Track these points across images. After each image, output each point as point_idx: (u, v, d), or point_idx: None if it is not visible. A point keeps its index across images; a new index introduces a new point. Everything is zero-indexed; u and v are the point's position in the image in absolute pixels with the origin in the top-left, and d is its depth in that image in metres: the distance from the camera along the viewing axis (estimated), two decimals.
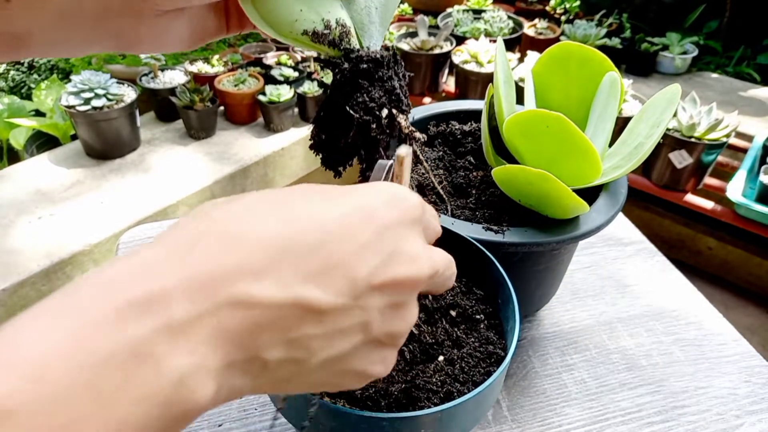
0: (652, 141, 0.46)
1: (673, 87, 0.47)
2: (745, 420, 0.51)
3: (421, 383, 0.35)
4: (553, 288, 0.57)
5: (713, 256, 1.73)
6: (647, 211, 1.77)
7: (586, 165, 0.44)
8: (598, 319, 0.60)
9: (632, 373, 0.55)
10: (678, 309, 0.62)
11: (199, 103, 1.58)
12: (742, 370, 0.56)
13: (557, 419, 0.50)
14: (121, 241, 0.67)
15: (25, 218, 1.31)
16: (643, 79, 1.95)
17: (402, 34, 1.93)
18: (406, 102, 0.35)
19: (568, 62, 0.51)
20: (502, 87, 0.49)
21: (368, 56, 0.33)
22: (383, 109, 0.34)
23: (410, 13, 2.34)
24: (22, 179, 1.44)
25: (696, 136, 1.47)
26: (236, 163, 1.54)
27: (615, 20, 2.07)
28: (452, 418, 0.31)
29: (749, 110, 1.82)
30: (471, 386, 0.35)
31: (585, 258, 0.68)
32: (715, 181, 1.60)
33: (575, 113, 0.49)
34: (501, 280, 0.40)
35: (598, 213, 0.48)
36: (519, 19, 2.12)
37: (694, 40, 2.03)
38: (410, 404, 0.33)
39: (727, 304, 1.66)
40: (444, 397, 0.34)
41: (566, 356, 0.56)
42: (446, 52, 1.83)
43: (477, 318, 0.40)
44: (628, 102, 1.58)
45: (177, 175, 1.49)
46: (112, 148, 1.51)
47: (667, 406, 0.52)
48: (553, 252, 0.50)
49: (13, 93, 1.71)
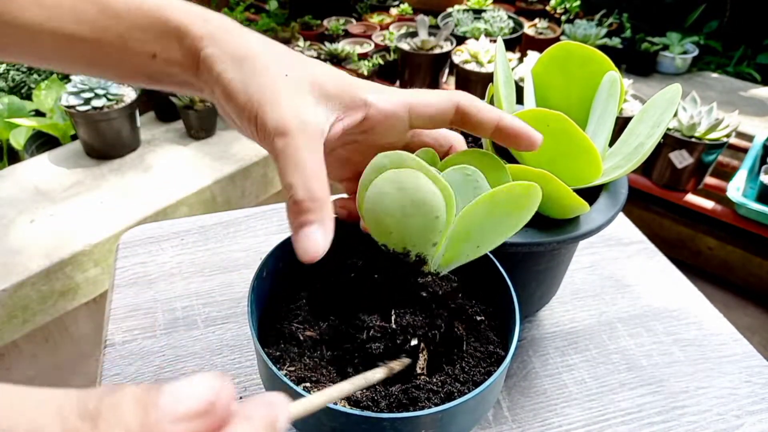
0: (652, 141, 0.46)
1: (673, 87, 0.47)
2: (746, 420, 0.51)
3: (421, 383, 0.35)
4: (553, 288, 0.57)
5: (713, 256, 1.73)
6: (648, 211, 1.76)
7: (586, 165, 0.44)
8: (598, 319, 0.60)
9: (632, 373, 0.55)
10: (678, 309, 0.62)
11: (199, 103, 1.58)
12: (742, 370, 0.56)
13: (557, 419, 0.50)
14: (121, 241, 0.67)
15: (25, 218, 1.31)
16: (644, 79, 1.95)
17: (402, 33, 1.93)
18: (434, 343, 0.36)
19: (568, 62, 0.50)
20: (502, 87, 0.49)
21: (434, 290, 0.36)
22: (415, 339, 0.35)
23: (410, 12, 2.34)
24: (22, 179, 1.44)
25: (696, 136, 1.47)
26: (236, 163, 1.54)
27: (615, 20, 2.07)
28: (453, 418, 0.31)
29: (750, 110, 1.82)
30: (471, 386, 0.35)
31: (585, 258, 0.68)
32: (716, 181, 1.60)
33: (575, 113, 0.49)
34: (501, 279, 0.40)
35: (599, 213, 0.47)
36: (519, 19, 2.12)
37: (694, 39, 2.03)
38: (411, 404, 0.33)
39: (727, 304, 1.66)
40: (444, 397, 0.34)
41: (566, 356, 0.56)
42: (446, 52, 1.83)
43: (477, 318, 0.40)
44: (629, 102, 1.58)
45: (177, 175, 1.49)
46: (112, 148, 1.51)
47: (667, 406, 0.52)
48: (553, 252, 0.50)
49: (13, 93, 1.71)
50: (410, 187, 0.33)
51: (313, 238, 0.30)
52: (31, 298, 1.20)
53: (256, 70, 0.32)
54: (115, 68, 0.36)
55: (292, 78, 0.33)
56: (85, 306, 1.32)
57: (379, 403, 0.33)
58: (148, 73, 0.36)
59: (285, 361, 0.36)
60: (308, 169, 0.31)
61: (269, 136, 0.31)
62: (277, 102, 0.31)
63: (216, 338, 0.55)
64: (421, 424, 0.31)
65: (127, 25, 0.34)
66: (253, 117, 0.32)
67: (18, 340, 1.24)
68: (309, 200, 0.30)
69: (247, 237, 0.68)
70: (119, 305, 0.59)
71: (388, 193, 0.34)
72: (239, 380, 0.52)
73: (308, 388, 0.34)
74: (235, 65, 0.33)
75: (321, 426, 0.31)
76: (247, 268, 0.63)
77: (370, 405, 0.33)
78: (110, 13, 0.34)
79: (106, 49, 0.34)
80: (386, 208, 0.34)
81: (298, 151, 0.31)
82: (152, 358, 0.53)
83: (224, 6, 2.55)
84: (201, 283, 0.61)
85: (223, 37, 0.34)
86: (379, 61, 1.92)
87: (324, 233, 0.30)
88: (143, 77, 0.36)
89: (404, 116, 0.36)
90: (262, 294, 0.40)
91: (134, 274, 0.63)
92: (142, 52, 0.34)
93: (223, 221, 0.70)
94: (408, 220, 0.35)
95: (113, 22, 0.34)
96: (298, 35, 2.09)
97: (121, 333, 0.56)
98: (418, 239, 0.36)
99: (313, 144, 0.31)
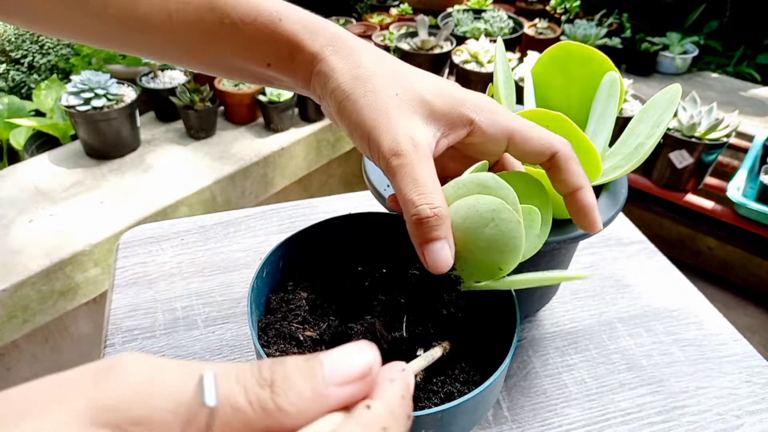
0: (652, 141, 0.46)
1: (673, 87, 0.47)
2: (746, 420, 0.51)
3: (421, 383, 0.35)
4: (553, 288, 0.57)
5: (713, 256, 1.73)
6: (648, 211, 1.77)
7: (586, 165, 0.44)
8: (598, 319, 0.60)
9: (632, 373, 0.55)
10: (678, 309, 0.62)
11: (199, 103, 1.58)
12: (742, 370, 0.56)
13: (557, 419, 0.50)
14: (121, 241, 0.67)
15: (25, 218, 1.31)
16: (644, 79, 1.95)
17: (402, 33, 1.93)
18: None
19: (568, 62, 0.50)
20: (502, 87, 0.49)
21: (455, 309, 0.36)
22: (421, 350, 0.35)
23: (410, 12, 2.34)
24: (22, 179, 1.44)
25: (696, 136, 1.47)
26: (236, 163, 1.54)
27: (615, 20, 2.07)
28: (453, 418, 0.31)
29: (750, 110, 1.82)
30: (471, 386, 0.35)
31: (585, 258, 0.68)
32: (716, 181, 1.60)
33: (575, 113, 0.49)
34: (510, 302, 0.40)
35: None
36: (519, 19, 2.12)
37: (694, 39, 2.03)
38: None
39: (727, 304, 1.66)
40: (444, 397, 0.34)
41: (566, 356, 0.56)
42: (446, 52, 1.83)
43: (477, 319, 0.40)
44: (629, 102, 1.58)
45: (177, 175, 1.49)
46: (112, 148, 1.51)
47: (667, 406, 0.52)
48: (553, 252, 0.50)
49: (13, 93, 1.71)
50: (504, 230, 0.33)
51: (443, 254, 0.32)
52: (31, 298, 1.20)
53: (368, 91, 0.34)
54: (228, 71, 0.40)
55: (402, 99, 0.35)
56: (85, 306, 1.32)
57: None
58: (261, 77, 0.39)
59: None
60: (428, 186, 0.32)
61: (384, 156, 0.33)
62: (389, 124, 0.33)
63: (216, 338, 0.55)
64: (421, 424, 0.30)
65: (243, 38, 0.37)
66: (365, 136, 0.34)
67: (18, 340, 1.24)
68: (435, 217, 0.32)
69: (247, 237, 0.68)
70: (119, 305, 0.59)
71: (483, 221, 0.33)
72: None
73: None
74: (347, 85, 0.35)
75: None
76: (247, 268, 0.63)
77: None
78: (228, 25, 0.36)
79: (221, 56, 0.38)
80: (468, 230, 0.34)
81: (414, 169, 0.32)
82: None
83: None
84: (201, 283, 0.61)
85: (334, 56, 0.36)
86: None
87: (451, 247, 0.33)
88: (256, 79, 0.40)
89: (503, 143, 0.37)
90: (262, 294, 0.40)
91: (134, 274, 0.63)
92: (257, 61, 0.38)
93: (223, 221, 0.70)
94: (480, 254, 0.34)
95: (229, 35, 0.37)
96: None
97: (121, 333, 0.56)
98: (470, 272, 0.35)
99: (427, 161, 0.33)
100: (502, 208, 0.32)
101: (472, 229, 0.33)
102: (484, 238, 0.33)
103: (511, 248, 0.33)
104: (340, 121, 0.36)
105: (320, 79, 0.36)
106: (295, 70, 0.37)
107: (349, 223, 0.44)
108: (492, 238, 0.33)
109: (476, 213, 0.33)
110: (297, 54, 0.37)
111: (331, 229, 0.44)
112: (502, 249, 0.33)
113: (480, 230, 0.33)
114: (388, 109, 0.34)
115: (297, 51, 0.37)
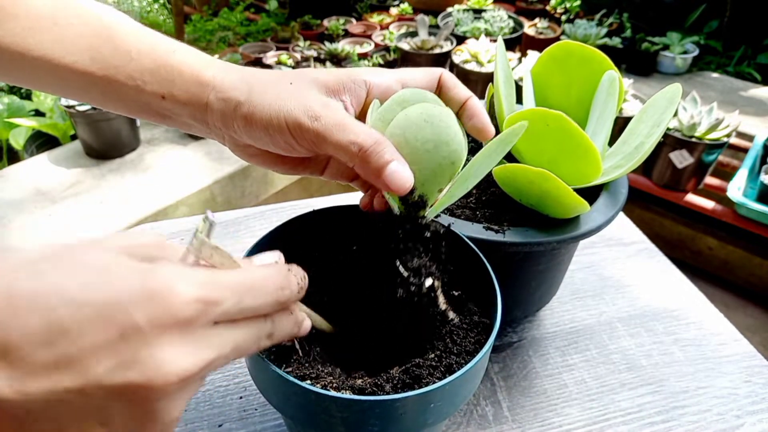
0: (652, 141, 0.46)
1: (673, 87, 0.47)
2: (746, 420, 0.51)
3: (419, 361, 0.36)
4: (553, 288, 0.57)
5: (713, 256, 1.73)
6: (648, 210, 1.76)
7: (586, 164, 0.44)
8: (598, 319, 0.60)
9: (633, 373, 0.55)
10: (678, 309, 0.62)
11: None
12: (742, 370, 0.56)
13: (558, 419, 0.50)
14: None
15: (25, 218, 1.31)
16: (644, 79, 1.95)
17: (402, 33, 1.94)
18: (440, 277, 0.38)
19: (568, 62, 0.50)
20: (502, 86, 0.49)
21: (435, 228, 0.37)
22: (429, 278, 0.36)
23: (410, 12, 2.34)
24: (21, 179, 1.44)
25: (697, 136, 1.47)
26: (236, 163, 1.54)
27: (615, 20, 2.07)
28: (457, 388, 0.33)
29: (750, 110, 1.82)
30: (466, 356, 0.36)
31: (585, 258, 0.68)
32: (716, 181, 1.60)
33: (575, 113, 0.49)
34: (473, 254, 0.41)
35: (599, 213, 0.47)
36: (519, 19, 2.13)
37: (694, 39, 2.03)
38: (415, 382, 0.34)
39: (727, 304, 1.66)
40: (444, 370, 0.35)
41: (566, 356, 0.56)
42: (446, 52, 1.83)
43: (455, 294, 0.41)
44: (629, 102, 1.58)
45: (176, 174, 1.49)
46: (111, 148, 1.51)
47: (667, 406, 0.52)
48: (553, 252, 0.50)
49: (13, 93, 1.71)
50: (441, 124, 0.35)
51: (401, 171, 0.33)
52: None
53: (266, 89, 0.36)
54: (125, 104, 0.39)
55: (297, 84, 0.36)
56: None
57: (383, 387, 0.34)
58: (157, 111, 0.39)
59: (285, 362, 0.36)
60: (356, 125, 0.34)
61: (306, 127, 0.34)
62: (297, 101, 0.35)
63: None
64: (430, 399, 0.32)
65: (136, 67, 0.37)
66: (283, 124, 0.35)
67: None
68: (376, 143, 0.33)
69: (247, 237, 0.68)
70: None
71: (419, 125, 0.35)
72: (239, 380, 0.52)
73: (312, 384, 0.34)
74: (245, 95, 0.36)
75: (330, 418, 0.31)
76: None
77: (375, 390, 0.33)
78: (122, 54, 0.37)
79: (116, 87, 0.38)
80: (410, 139, 0.35)
81: (336, 118, 0.34)
82: None
83: (224, 6, 2.55)
84: None
85: (226, 78, 0.37)
86: (379, 61, 1.92)
87: (404, 166, 0.34)
88: (154, 115, 0.39)
89: (399, 89, 0.38)
90: None
91: None
92: (152, 92, 0.38)
93: (223, 221, 0.70)
94: (428, 156, 0.35)
95: (124, 63, 0.37)
96: (297, 35, 2.09)
97: None
98: (430, 182, 0.36)
99: (343, 112, 0.35)
100: (428, 107, 0.35)
101: (413, 138, 0.35)
102: (425, 138, 0.35)
103: (453, 135, 0.35)
104: (250, 130, 0.36)
105: (219, 105, 0.37)
106: (190, 101, 0.38)
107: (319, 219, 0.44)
108: (432, 133, 0.35)
109: (410, 121, 0.35)
110: (192, 83, 0.37)
111: (303, 226, 0.44)
112: (446, 141, 0.35)
113: (420, 134, 0.35)
114: (291, 94, 0.35)
115: (193, 80, 0.37)
